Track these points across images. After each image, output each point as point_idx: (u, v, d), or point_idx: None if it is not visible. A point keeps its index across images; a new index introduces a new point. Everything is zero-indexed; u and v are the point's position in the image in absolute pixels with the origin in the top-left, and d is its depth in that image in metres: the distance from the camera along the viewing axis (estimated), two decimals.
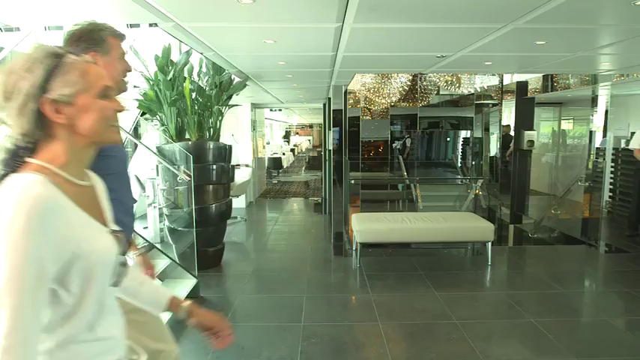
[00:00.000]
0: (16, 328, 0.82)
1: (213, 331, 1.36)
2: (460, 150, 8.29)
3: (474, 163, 7.78)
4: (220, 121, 5.12)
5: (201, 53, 4.08)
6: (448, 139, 8.45)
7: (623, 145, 7.17)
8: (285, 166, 17.01)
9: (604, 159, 7.13)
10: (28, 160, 0.93)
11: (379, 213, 5.64)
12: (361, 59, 4.38)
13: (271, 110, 14.76)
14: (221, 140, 5.20)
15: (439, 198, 7.64)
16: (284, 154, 17.64)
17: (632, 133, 6.11)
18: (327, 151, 8.37)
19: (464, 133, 8.20)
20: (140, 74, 4.52)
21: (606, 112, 6.83)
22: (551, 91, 7.16)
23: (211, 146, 4.90)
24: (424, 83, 7.92)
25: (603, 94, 6.69)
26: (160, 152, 4.69)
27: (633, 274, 4.80)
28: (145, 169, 5.05)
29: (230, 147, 5.22)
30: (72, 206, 0.94)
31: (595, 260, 5.77)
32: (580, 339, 3.42)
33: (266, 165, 13.59)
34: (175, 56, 4.68)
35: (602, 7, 2.77)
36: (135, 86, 4.73)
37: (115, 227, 1.11)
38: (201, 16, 2.88)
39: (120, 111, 1.04)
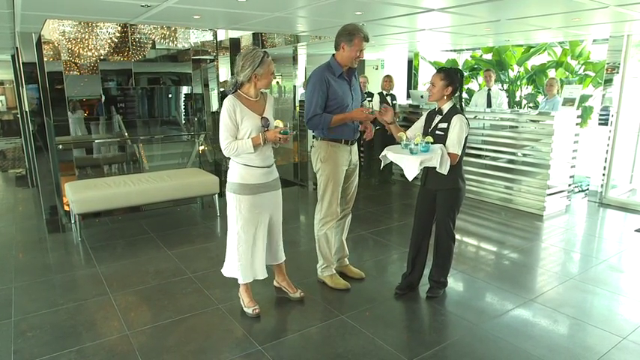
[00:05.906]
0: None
1: None
2: (183, 106, 8.20)
3: (197, 119, 7.84)
4: None
5: None
6: (170, 95, 8.22)
7: None
8: None
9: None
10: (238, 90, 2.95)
11: (98, 179, 5.14)
12: (49, 2, 3.75)
13: None
14: None
15: (166, 156, 7.49)
16: None
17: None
18: (25, 114, 7.03)
19: (185, 89, 8.12)
20: None
21: (305, 69, 7.83)
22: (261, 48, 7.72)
23: None
24: (137, 36, 7.38)
25: (302, 52, 7.61)
26: None
27: None
28: None
29: None
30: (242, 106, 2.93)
31: (306, 197, 6.77)
32: (293, 264, 3.99)
33: None
34: None
35: None
36: None
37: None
38: None
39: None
